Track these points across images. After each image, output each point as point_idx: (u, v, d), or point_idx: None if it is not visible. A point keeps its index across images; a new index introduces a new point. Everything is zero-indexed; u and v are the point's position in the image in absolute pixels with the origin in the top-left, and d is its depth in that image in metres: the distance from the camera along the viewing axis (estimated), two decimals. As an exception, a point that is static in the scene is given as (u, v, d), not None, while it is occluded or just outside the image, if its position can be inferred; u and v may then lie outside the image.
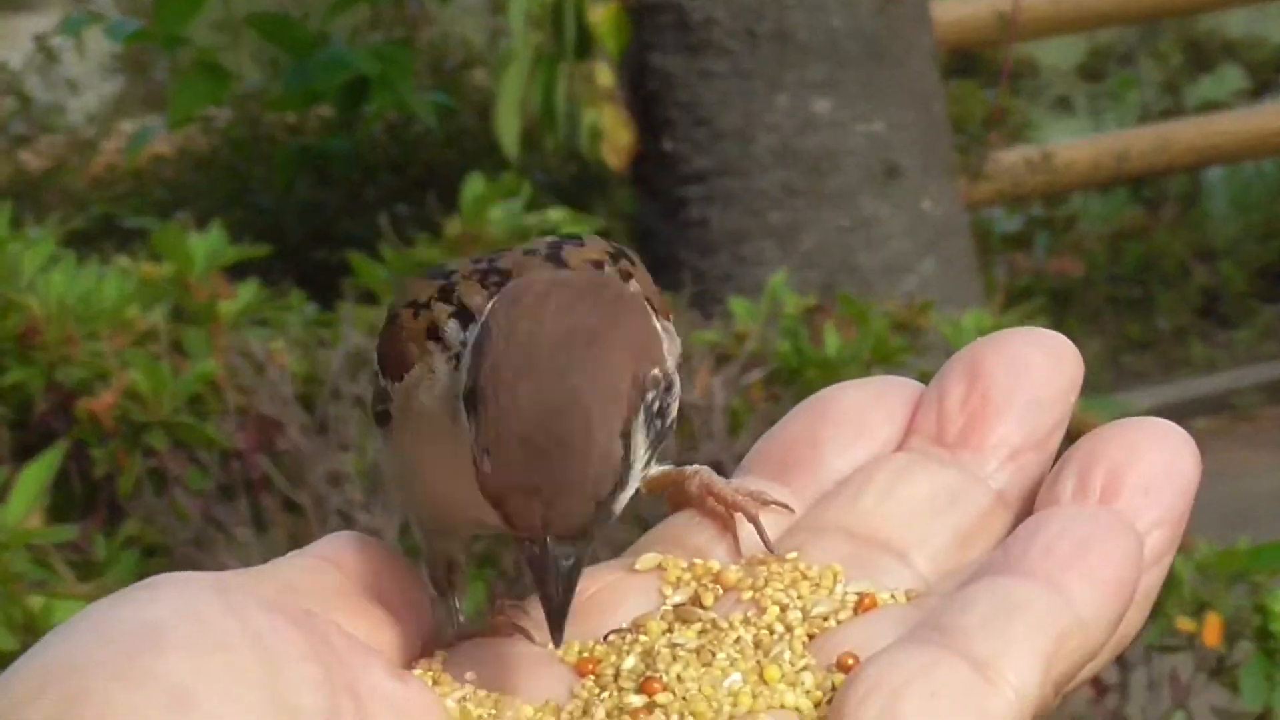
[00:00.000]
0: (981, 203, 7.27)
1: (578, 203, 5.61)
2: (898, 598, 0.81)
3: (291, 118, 7.00)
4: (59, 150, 7.57)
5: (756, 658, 0.78)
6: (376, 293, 4.03)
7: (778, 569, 0.83)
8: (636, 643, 0.81)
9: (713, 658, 0.78)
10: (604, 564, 0.85)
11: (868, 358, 3.61)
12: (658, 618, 0.82)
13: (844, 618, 0.80)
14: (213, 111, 6.77)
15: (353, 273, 4.09)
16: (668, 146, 5.12)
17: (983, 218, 7.59)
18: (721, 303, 4.10)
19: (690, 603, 0.83)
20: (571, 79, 5.04)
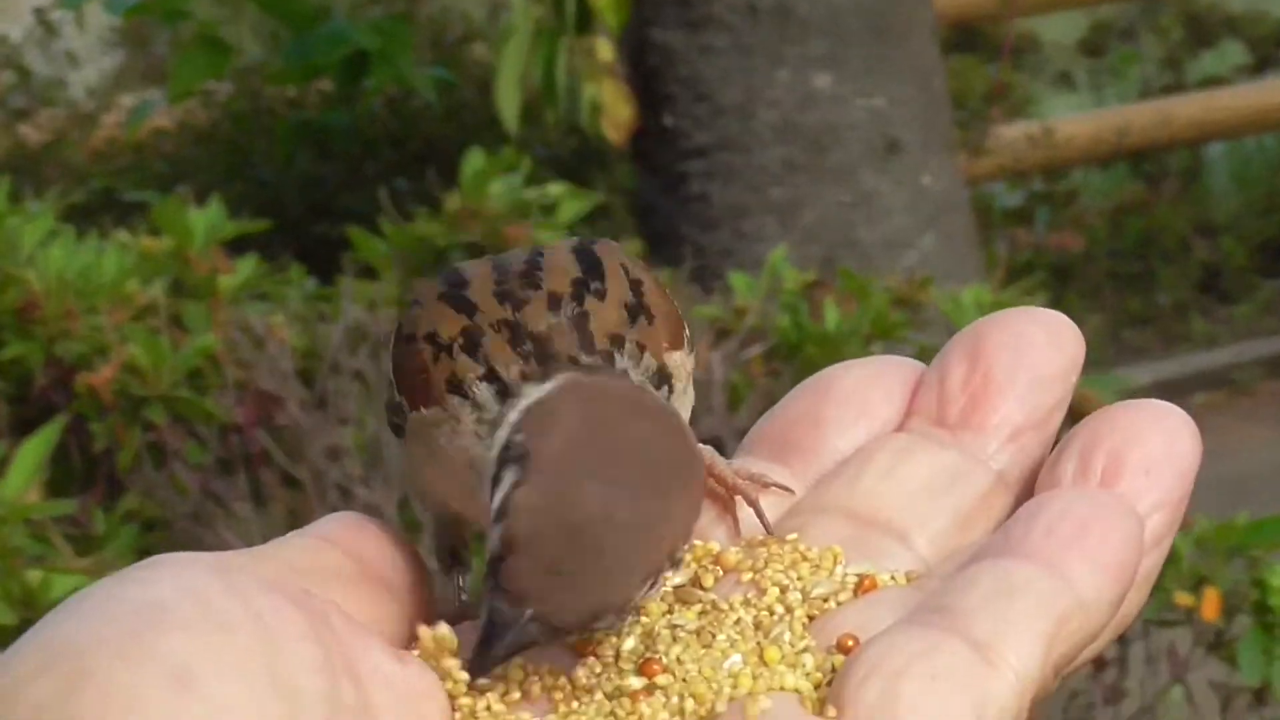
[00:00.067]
0: (982, 178, 7.27)
1: (578, 177, 5.60)
2: (898, 579, 0.81)
3: (292, 92, 6.99)
4: (59, 124, 7.56)
5: (756, 639, 0.78)
6: (376, 267, 4.03)
7: (778, 550, 0.83)
8: (636, 624, 0.81)
9: (713, 639, 0.78)
10: None
11: (867, 333, 3.61)
12: (657, 599, 0.82)
13: (844, 599, 0.80)
14: (213, 85, 6.76)
15: (352, 247, 4.09)
16: (668, 122, 5.12)
17: (983, 193, 7.59)
18: (721, 278, 4.10)
19: (690, 584, 0.83)
20: (572, 53, 5.03)
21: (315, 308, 3.76)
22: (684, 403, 0.87)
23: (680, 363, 0.87)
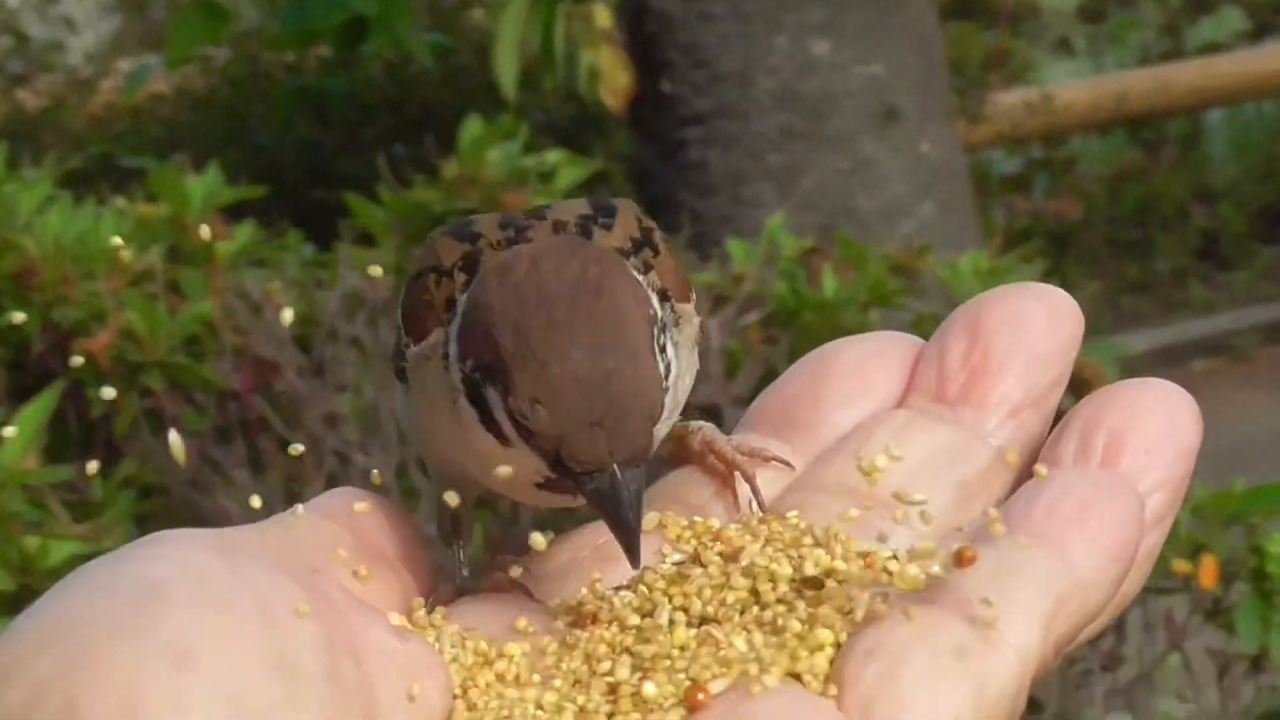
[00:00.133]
0: (980, 145, 7.25)
1: (576, 144, 5.59)
2: (898, 556, 0.81)
3: (289, 57, 6.97)
4: (56, 89, 7.55)
5: (756, 617, 0.78)
6: (374, 234, 4.02)
7: (778, 528, 0.83)
8: (636, 600, 0.81)
9: (713, 617, 0.78)
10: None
11: (865, 300, 3.61)
12: (658, 575, 0.82)
13: (844, 577, 0.79)
14: (211, 50, 6.75)
15: (350, 214, 4.08)
16: (666, 88, 5.10)
17: (981, 160, 7.57)
18: (719, 244, 4.08)
19: (690, 561, 0.83)
20: (570, 20, 5.01)
21: (313, 274, 3.76)
22: (689, 364, 0.87)
23: (689, 315, 0.87)
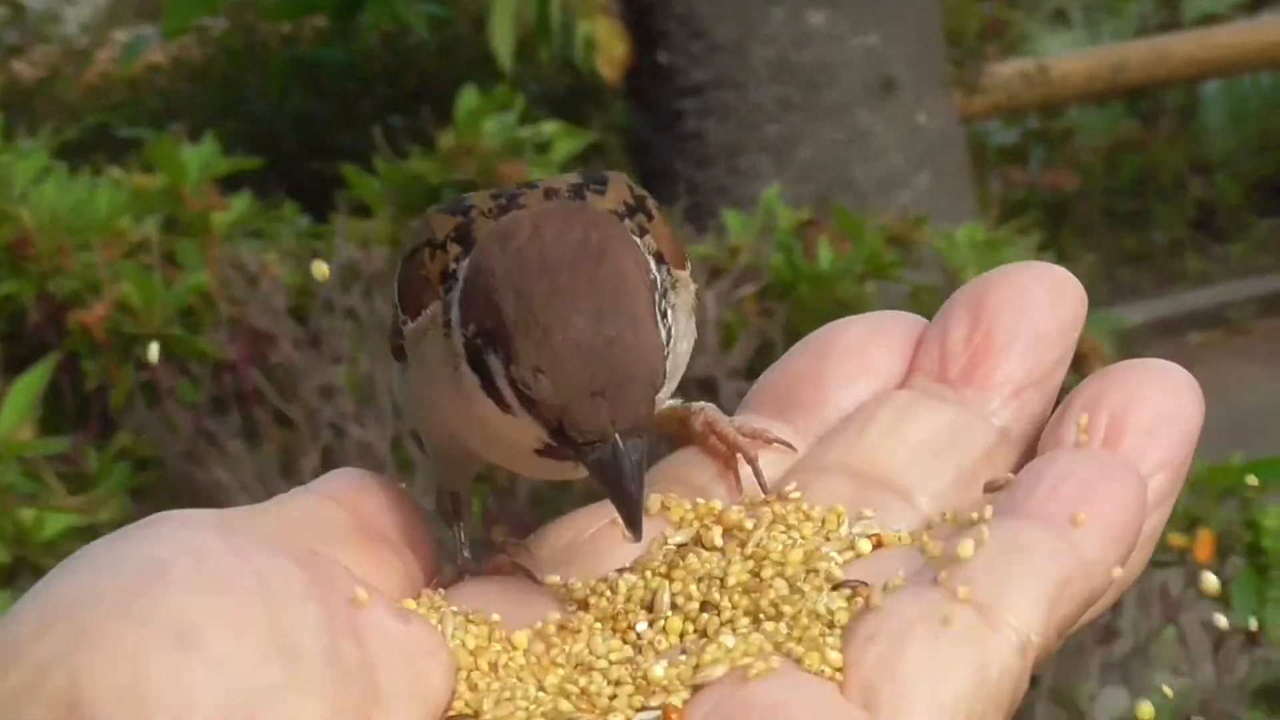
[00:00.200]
0: (977, 116, 7.24)
1: (572, 115, 5.58)
2: (901, 538, 0.81)
3: (286, 27, 6.95)
4: (52, 60, 7.52)
5: (757, 599, 0.78)
6: (370, 205, 4.02)
7: (780, 510, 0.82)
8: (639, 584, 0.81)
9: (714, 601, 0.78)
10: (607, 502, 0.84)
11: (861, 272, 3.61)
12: (660, 558, 0.81)
13: (848, 558, 0.80)
14: (207, 21, 6.73)
15: (346, 185, 4.07)
16: (663, 59, 5.09)
17: (978, 131, 7.56)
18: (716, 216, 4.08)
19: (692, 543, 0.83)
20: (566, -10, 5.01)
21: (308, 245, 3.75)
22: (687, 330, 0.87)
23: (685, 282, 0.87)
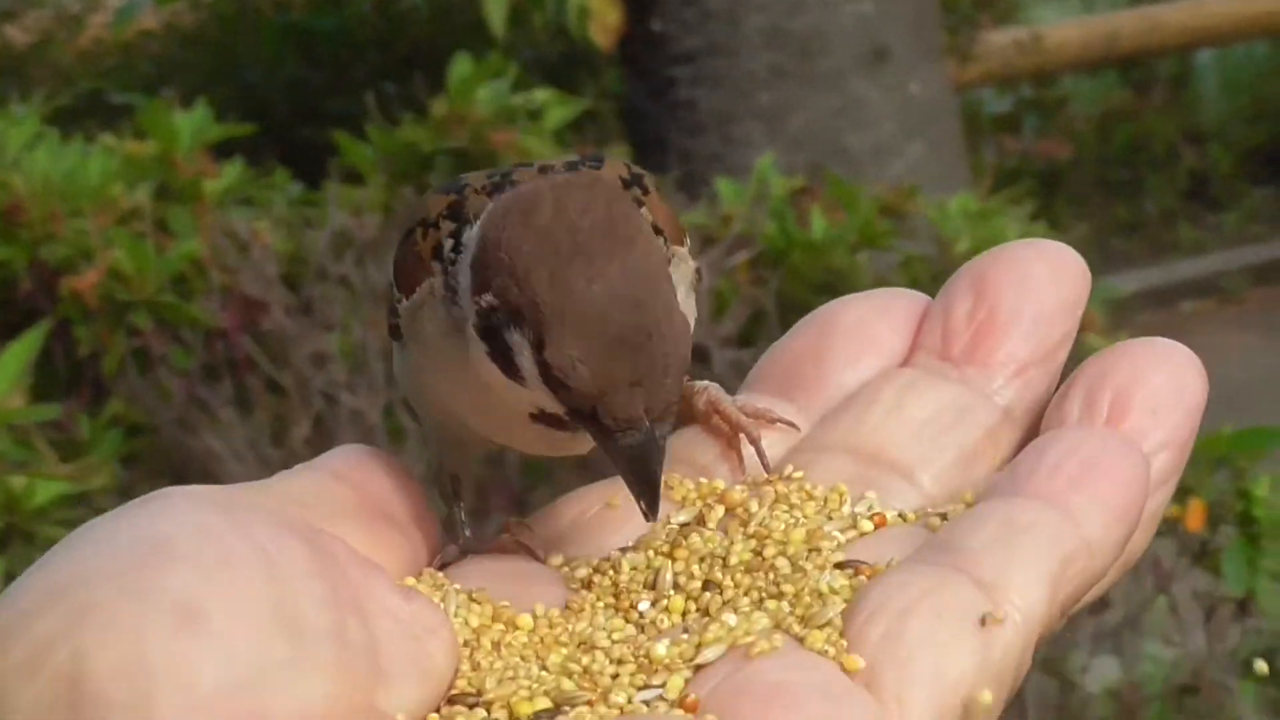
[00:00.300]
0: (970, 84, 7.22)
1: (565, 82, 5.56)
2: (905, 516, 0.81)
3: (279, -7, 6.94)
4: (45, 25, 7.50)
5: (760, 579, 0.78)
6: (362, 172, 4.01)
7: (783, 489, 0.82)
8: (641, 561, 0.81)
9: (718, 580, 0.78)
10: (610, 480, 0.84)
11: (854, 241, 3.60)
12: (662, 537, 0.81)
13: (850, 537, 0.80)
14: (200, -14, 6.73)
15: (339, 152, 4.06)
16: (656, 26, 5.08)
17: (972, 99, 7.55)
18: (708, 184, 4.08)
19: (695, 522, 0.82)
20: (559, -43, 4.99)
21: (301, 213, 3.74)
22: (686, 309, 0.87)
23: (683, 257, 0.87)
